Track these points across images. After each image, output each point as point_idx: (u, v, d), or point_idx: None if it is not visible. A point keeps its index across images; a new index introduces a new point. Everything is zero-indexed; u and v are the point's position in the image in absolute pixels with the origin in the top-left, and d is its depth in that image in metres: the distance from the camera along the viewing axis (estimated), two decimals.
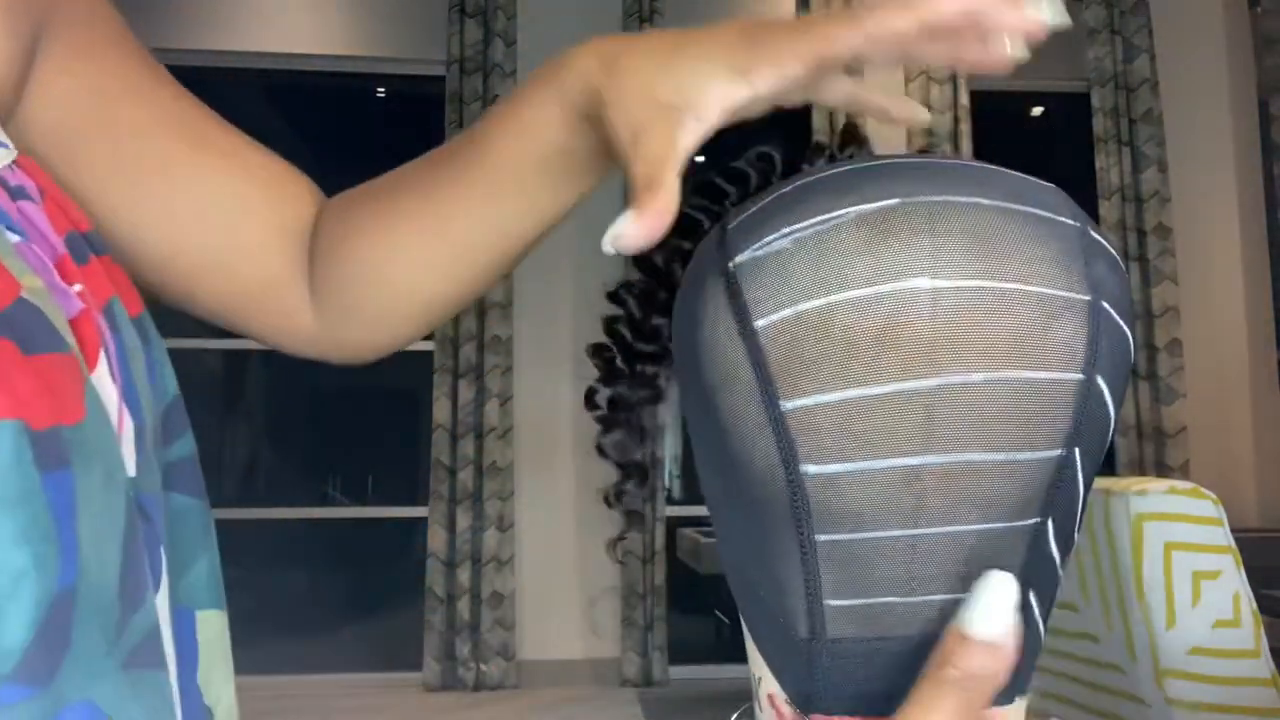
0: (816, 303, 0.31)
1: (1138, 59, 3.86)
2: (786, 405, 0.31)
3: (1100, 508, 1.08)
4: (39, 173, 0.36)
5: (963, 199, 0.32)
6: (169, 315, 0.47)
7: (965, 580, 0.32)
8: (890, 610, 0.33)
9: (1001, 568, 0.32)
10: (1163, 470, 3.66)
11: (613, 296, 0.43)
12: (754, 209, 0.35)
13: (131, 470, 0.33)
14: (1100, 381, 0.32)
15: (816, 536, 0.32)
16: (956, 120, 3.78)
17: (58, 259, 0.33)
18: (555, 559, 3.58)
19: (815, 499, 0.31)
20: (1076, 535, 0.37)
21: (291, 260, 0.49)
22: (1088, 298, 0.31)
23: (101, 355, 0.33)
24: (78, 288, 0.33)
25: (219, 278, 0.47)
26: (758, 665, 0.37)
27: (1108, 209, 3.79)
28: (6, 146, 0.35)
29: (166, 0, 3.67)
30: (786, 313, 0.31)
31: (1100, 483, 1.11)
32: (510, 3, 3.67)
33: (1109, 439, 0.34)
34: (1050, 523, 0.33)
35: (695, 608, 3.98)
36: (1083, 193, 3.91)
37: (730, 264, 0.33)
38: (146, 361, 0.36)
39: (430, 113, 3.72)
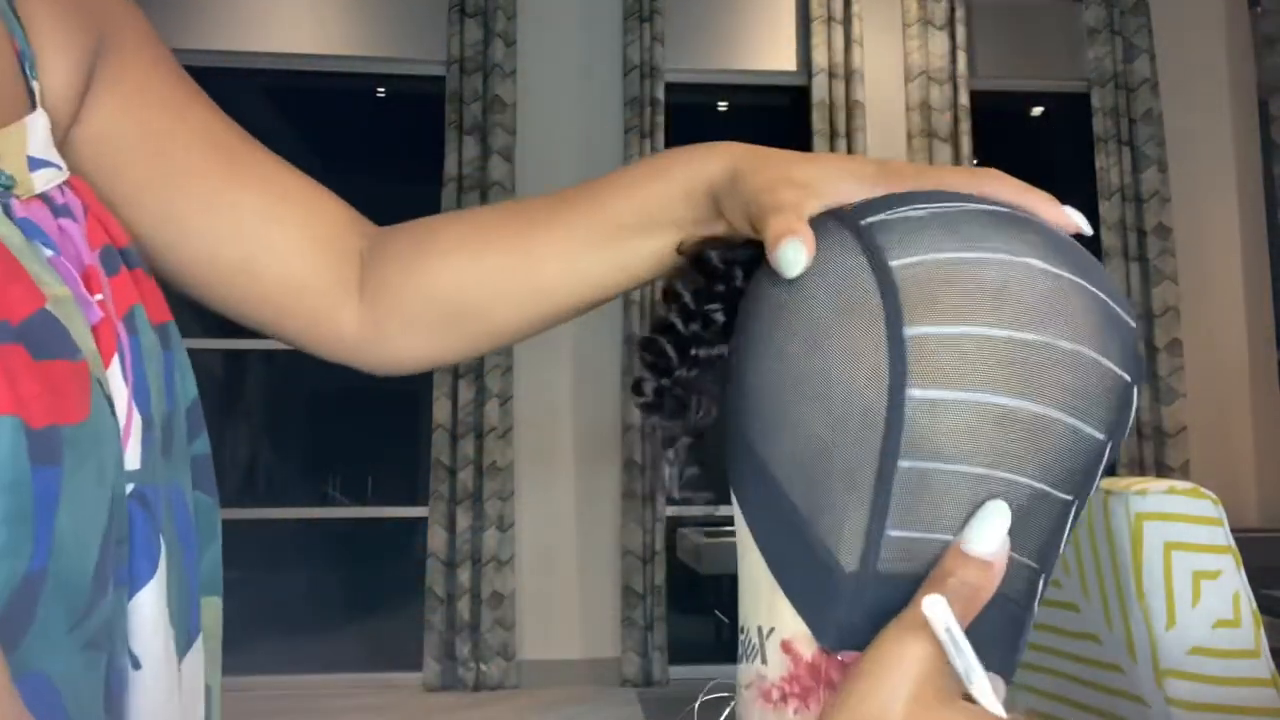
0: (948, 255, 0.36)
1: (1138, 59, 3.86)
2: (909, 331, 0.35)
3: (1100, 508, 1.09)
4: (87, 192, 0.40)
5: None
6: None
7: (1010, 533, 0.35)
8: (941, 547, 0.35)
9: (1031, 533, 0.36)
10: (1163, 470, 3.66)
11: (667, 293, 0.45)
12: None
13: (135, 464, 0.36)
14: (1135, 393, 0.38)
15: (900, 462, 0.35)
16: (956, 120, 3.77)
17: (84, 270, 0.37)
18: (555, 559, 3.58)
19: (911, 422, 0.35)
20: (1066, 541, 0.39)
21: (325, 268, 0.52)
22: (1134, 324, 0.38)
23: (115, 356, 0.36)
24: (99, 297, 0.37)
25: (248, 281, 0.50)
26: (770, 615, 0.38)
27: (1108, 209, 3.79)
28: (59, 167, 0.39)
29: (167, 0, 3.67)
30: (921, 257, 0.36)
31: (1100, 482, 1.11)
32: (510, 3, 3.67)
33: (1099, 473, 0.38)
34: (1076, 505, 0.37)
35: (695, 608, 3.98)
36: (1083, 193, 3.91)
37: (861, 222, 0.38)
38: (166, 365, 0.40)
39: (430, 113, 3.72)
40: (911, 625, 0.33)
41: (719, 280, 0.44)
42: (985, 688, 0.33)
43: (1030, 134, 4.29)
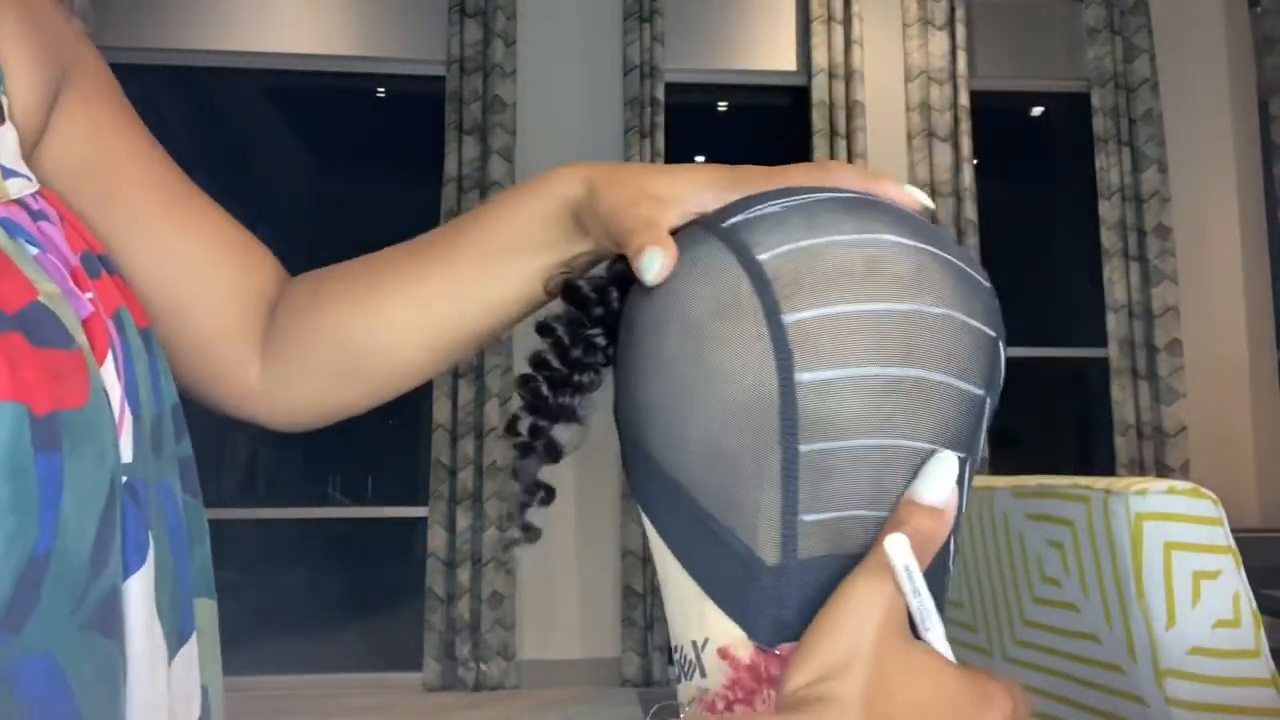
0: (810, 241, 0.37)
1: (1138, 59, 3.86)
2: (787, 318, 0.36)
3: (1100, 508, 1.09)
4: (59, 203, 0.41)
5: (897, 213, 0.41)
6: None
7: (882, 496, 0.36)
8: (859, 524, 0.36)
9: (893, 482, 0.37)
10: (1163, 470, 3.66)
11: (542, 328, 0.45)
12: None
13: (127, 457, 0.37)
14: (1001, 347, 0.40)
15: (800, 447, 0.35)
16: (956, 120, 3.78)
17: (71, 270, 0.38)
18: (555, 559, 3.58)
19: (804, 406, 0.35)
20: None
21: (245, 319, 0.52)
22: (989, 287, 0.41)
23: (109, 353, 0.37)
24: (90, 295, 0.38)
25: (179, 326, 0.50)
26: (701, 627, 0.38)
27: (1108, 209, 3.80)
28: (29, 179, 0.40)
29: (167, 0, 3.67)
30: (787, 247, 0.37)
31: (1100, 482, 1.11)
32: (510, 3, 3.67)
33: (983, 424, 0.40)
34: (969, 462, 0.38)
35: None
36: (1083, 193, 3.91)
37: (723, 225, 0.39)
38: (150, 368, 0.41)
39: (430, 113, 3.72)
40: (874, 569, 0.34)
41: (596, 305, 0.44)
42: (940, 632, 0.34)
43: (1030, 134, 4.29)
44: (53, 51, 0.45)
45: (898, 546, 0.34)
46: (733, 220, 0.39)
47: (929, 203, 0.43)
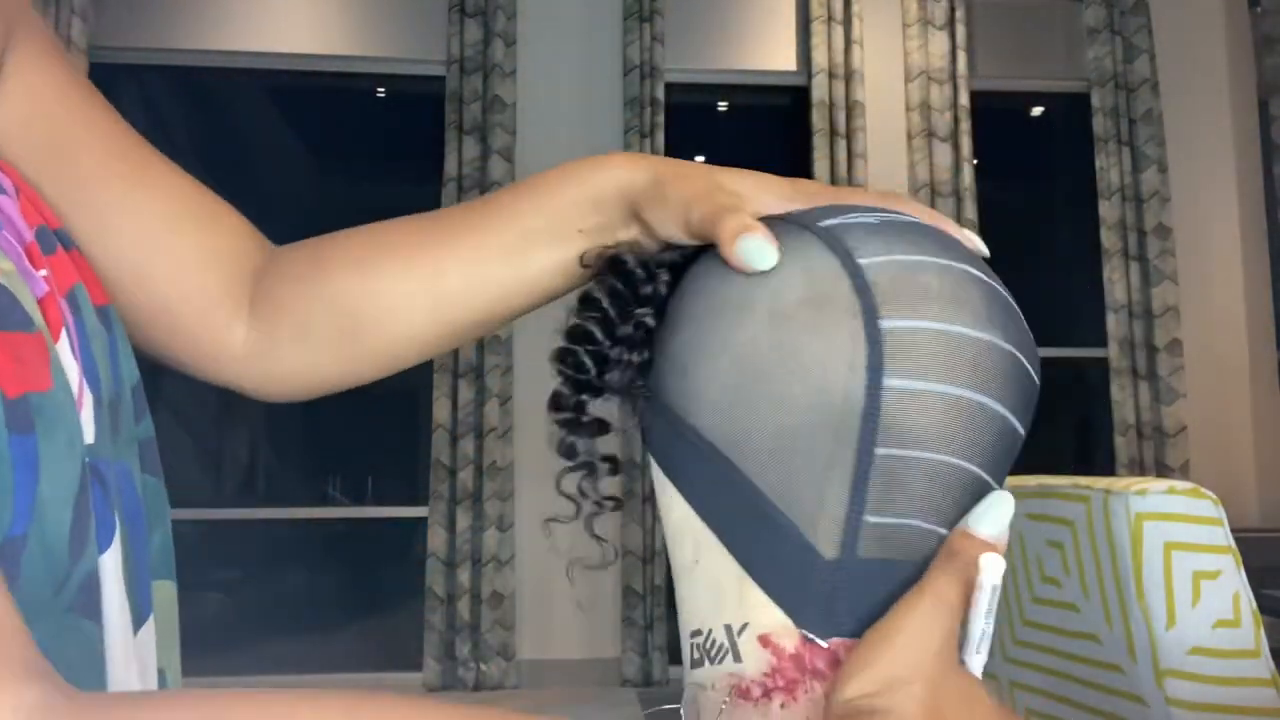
0: (909, 257, 0.38)
1: (1138, 59, 3.86)
2: (884, 324, 0.37)
3: (1100, 508, 1.09)
4: (12, 172, 0.39)
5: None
6: None
7: (954, 517, 0.38)
8: (916, 534, 0.37)
9: (971, 500, 0.38)
10: (1163, 470, 3.66)
11: (586, 300, 0.44)
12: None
13: (89, 438, 0.37)
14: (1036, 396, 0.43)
15: (877, 450, 0.36)
16: (956, 120, 3.77)
17: (26, 246, 0.37)
18: (555, 559, 3.58)
19: (887, 410, 0.36)
20: None
21: (215, 282, 0.50)
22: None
23: (64, 333, 0.36)
24: (43, 273, 0.37)
25: (143, 292, 0.48)
26: (740, 611, 0.38)
27: (1108, 209, 3.80)
28: None
29: (167, 0, 3.67)
30: (885, 258, 0.38)
31: (1100, 482, 1.11)
32: (510, 3, 3.67)
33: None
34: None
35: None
36: (1083, 193, 3.91)
37: (820, 224, 0.40)
38: (110, 346, 0.40)
39: (430, 113, 3.72)
40: (942, 587, 0.35)
41: (645, 283, 0.43)
42: (982, 659, 0.36)
43: (1030, 134, 4.29)
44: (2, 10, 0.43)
45: (992, 566, 0.35)
46: (829, 222, 0.40)
47: (985, 249, 0.44)
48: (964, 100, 3.78)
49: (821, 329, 0.37)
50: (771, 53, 3.87)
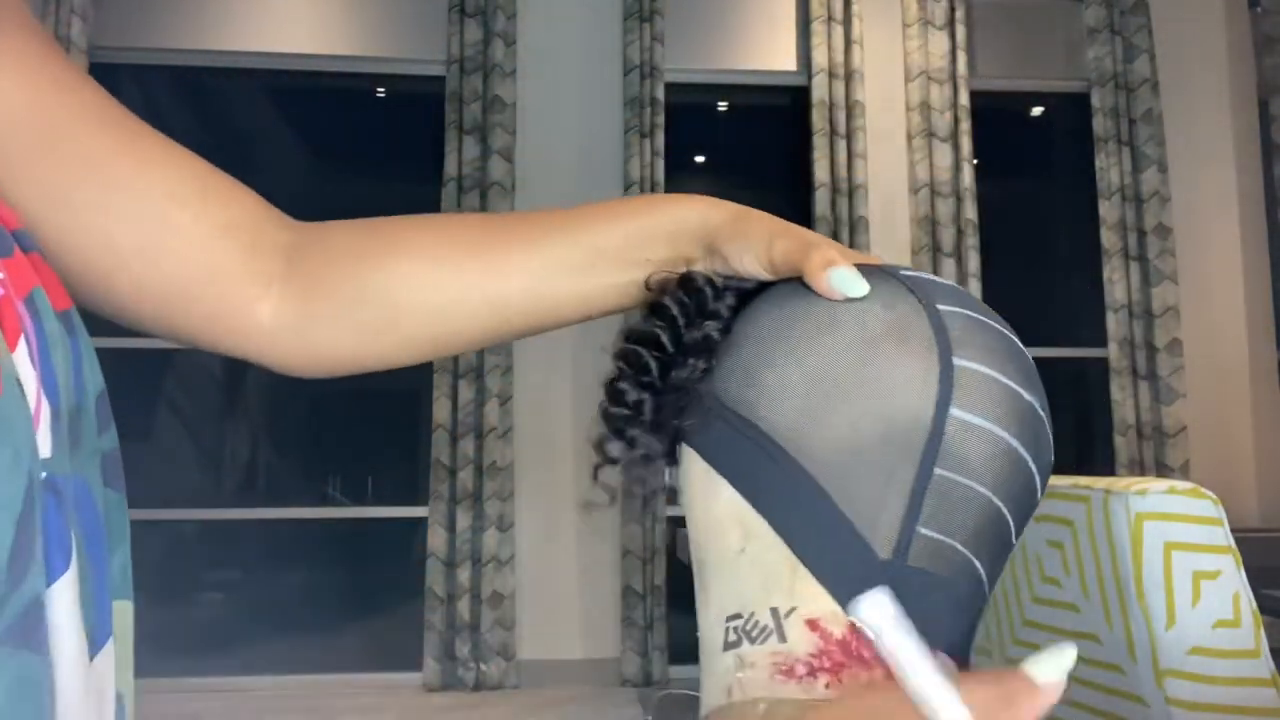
0: (975, 314, 0.44)
1: (1138, 59, 3.86)
2: (959, 360, 0.42)
3: (1100, 508, 1.09)
4: None
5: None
6: None
7: (985, 552, 0.42)
8: (958, 555, 0.41)
9: (987, 543, 0.42)
10: (1163, 470, 3.66)
11: (657, 307, 0.47)
12: None
13: (46, 451, 0.34)
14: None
15: (936, 469, 0.41)
16: (956, 120, 3.77)
17: None
18: (555, 559, 3.58)
19: (949, 436, 0.41)
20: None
21: (238, 256, 0.49)
22: None
23: (21, 340, 0.34)
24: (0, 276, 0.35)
25: (147, 268, 0.47)
26: (789, 596, 0.41)
27: (1108, 209, 3.79)
28: None
29: (167, 0, 3.67)
30: (959, 310, 0.44)
31: (1100, 482, 1.11)
32: (510, 3, 3.67)
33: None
34: (1015, 539, 0.45)
35: (695, 607, 3.98)
36: (1083, 193, 3.91)
37: (901, 273, 0.45)
38: (73, 353, 0.38)
39: (430, 113, 3.72)
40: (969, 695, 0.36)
41: (713, 299, 0.47)
42: None
43: (1030, 134, 4.29)
44: None
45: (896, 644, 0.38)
46: (907, 273, 0.46)
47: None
48: (964, 100, 3.78)
49: (902, 356, 0.42)
50: (771, 53, 3.87)
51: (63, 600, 0.34)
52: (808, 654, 0.39)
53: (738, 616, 0.42)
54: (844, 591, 0.40)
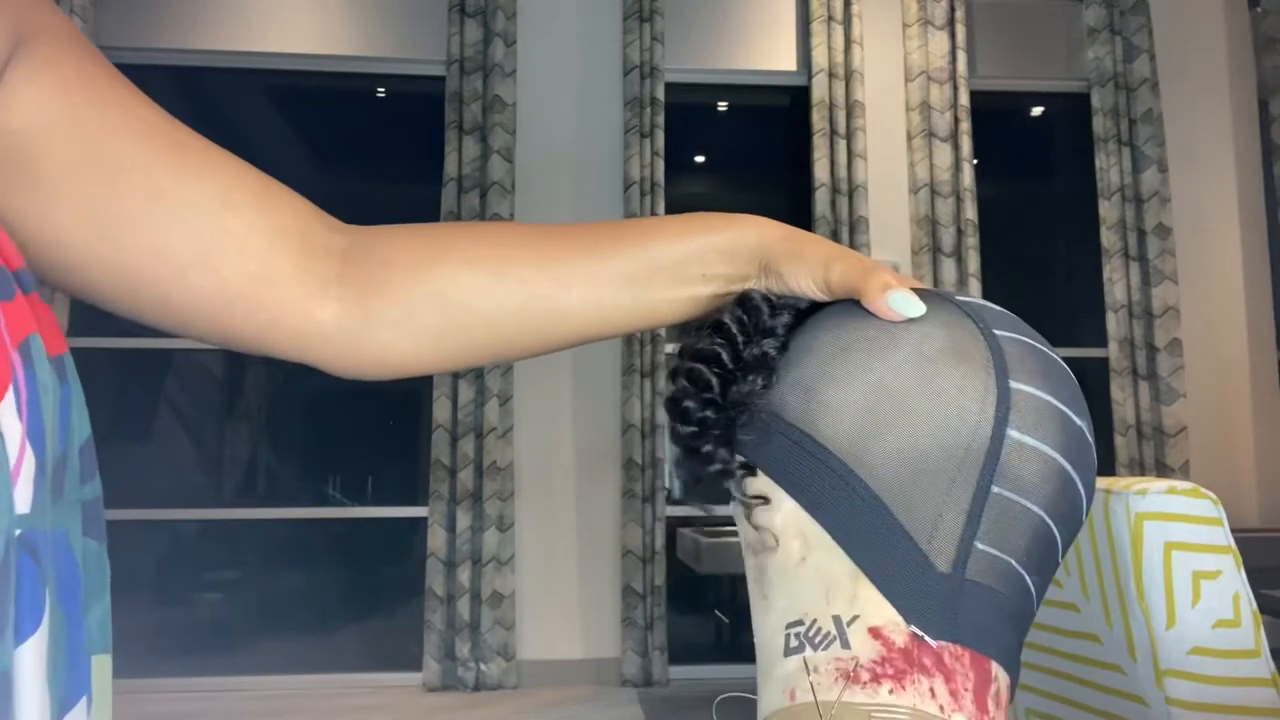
0: (1028, 340, 0.46)
1: (1138, 59, 3.86)
2: (1014, 384, 0.43)
3: (1100, 508, 1.08)
4: None
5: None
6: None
7: (1038, 571, 0.44)
8: (1010, 571, 0.42)
9: (1038, 561, 0.44)
10: (1163, 470, 3.66)
11: (717, 325, 0.49)
12: None
13: (25, 507, 0.33)
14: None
15: (993, 487, 0.42)
16: (957, 120, 3.77)
17: None
18: (555, 559, 3.58)
19: (1005, 457, 0.42)
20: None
21: (294, 258, 0.48)
22: None
23: (10, 391, 0.33)
24: None
25: (203, 276, 0.46)
26: (851, 605, 0.42)
27: (1108, 209, 3.79)
28: None
29: (167, 0, 3.67)
30: (1013, 335, 0.45)
31: (1100, 482, 1.11)
32: (510, 3, 3.67)
33: None
34: (1062, 553, 0.46)
35: (695, 608, 3.98)
36: (1083, 193, 3.91)
37: (957, 299, 0.47)
38: (62, 401, 0.36)
39: (430, 113, 3.72)
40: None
41: (770, 317, 0.49)
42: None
43: (1030, 134, 4.29)
44: (5, 20, 0.40)
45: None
46: (963, 299, 0.47)
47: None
48: (964, 100, 3.78)
49: (960, 377, 0.43)
50: (771, 53, 3.87)
51: (29, 662, 0.33)
52: (871, 661, 0.41)
53: (799, 623, 0.43)
54: (904, 602, 0.41)
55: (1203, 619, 1.04)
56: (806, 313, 0.49)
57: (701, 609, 4.12)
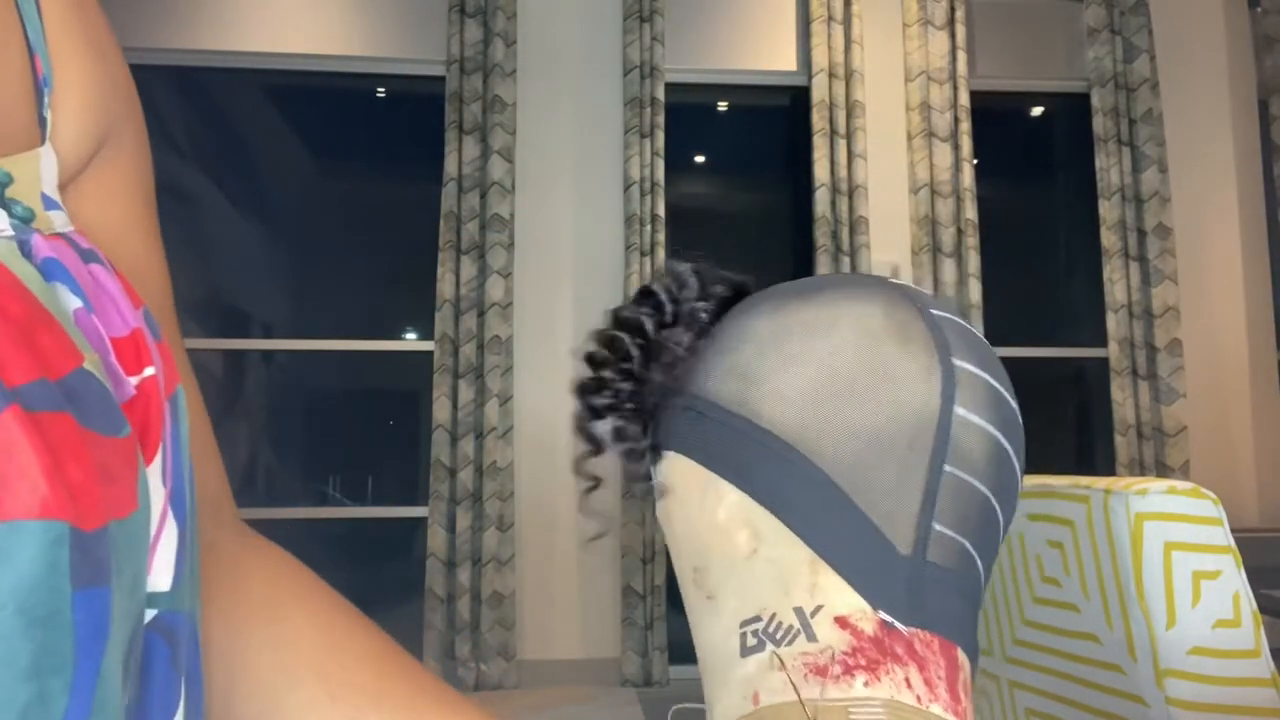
0: (960, 321, 0.45)
1: (1138, 59, 3.86)
2: (956, 361, 0.42)
3: (1100, 508, 1.09)
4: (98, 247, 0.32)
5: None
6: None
7: (980, 546, 0.43)
8: (964, 552, 0.42)
9: (983, 535, 0.43)
10: (1163, 470, 3.66)
11: (645, 292, 0.46)
12: None
13: (165, 584, 0.28)
14: None
15: (945, 466, 0.41)
16: (956, 120, 3.77)
17: (131, 333, 0.29)
18: (555, 559, 3.58)
19: (954, 435, 0.41)
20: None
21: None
22: None
23: (159, 452, 0.28)
24: (150, 371, 0.29)
25: None
26: (812, 595, 0.40)
27: (1108, 209, 3.80)
28: (62, 210, 0.31)
29: (167, 0, 3.67)
30: (946, 315, 0.44)
31: (1100, 482, 1.11)
32: (510, 3, 3.67)
33: None
34: (1003, 530, 0.47)
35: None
36: (1083, 193, 3.91)
37: (889, 279, 0.46)
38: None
39: (430, 113, 3.72)
40: None
41: (708, 288, 0.47)
42: None
43: (1030, 134, 4.29)
44: (110, 92, 0.36)
45: None
46: (896, 281, 0.46)
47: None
48: (964, 100, 3.78)
49: (906, 353, 0.42)
50: (771, 53, 3.87)
51: None
52: (842, 653, 0.39)
53: (756, 620, 0.41)
54: (870, 588, 0.40)
55: (1203, 619, 1.04)
56: (733, 300, 0.47)
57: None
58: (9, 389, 0.22)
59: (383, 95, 4.01)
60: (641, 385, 0.45)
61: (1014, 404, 0.44)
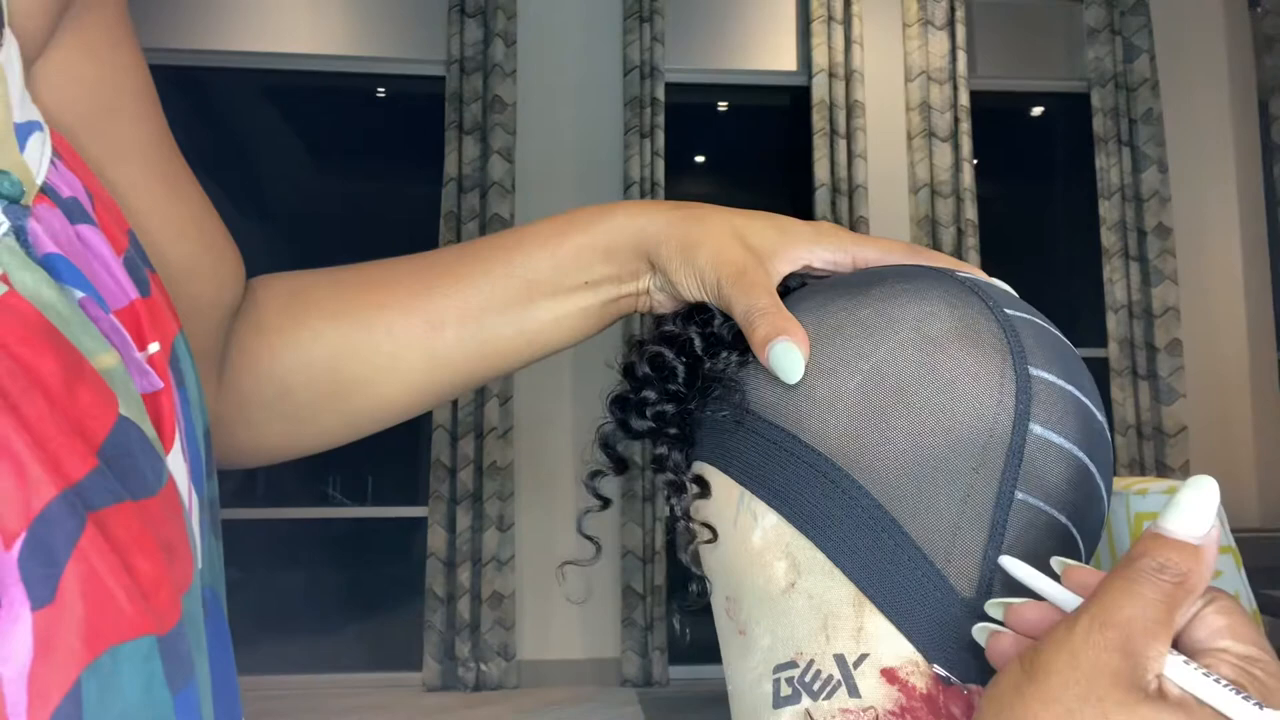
0: (1039, 320, 0.39)
1: (1138, 59, 3.86)
2: (1033, 370, 0.36)
3: None
4: (75, 158, 0.28)
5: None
6: None
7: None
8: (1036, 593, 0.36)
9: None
10: (1163, 470, 3.66)
11: (699, 306, 0.42)
12: None
13: (198, 560, 0.28)
14: None
15: (1016, 493, 0.35)
16: (956, 120, 3.77)
17: (129, 305, 0.27)
18: (555, 559, 3.58)
19: (1029, 457, 0.35)
20: None
21: (216, 336, 0.41)
22: None
23: (177, 437, 0.28)
24: (154, 348, 0.27)
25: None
26: (857, 641, 0.35)
27: (1108, 209, 3.79)
28: (41, 126, 0.27)
29: (167, 0, 3.67)
30: (1024, 315, 0.39)
31: None
32: (510, 3, 3.67)
33: None
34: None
35: (695, 608, 3.98)
36: (1082, 193, 3.91)
37: (957, 274, 0.40)
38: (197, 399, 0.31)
39: (430, 113, 3.72)
40: (1091, 617, 0.27)
41: (718, 319, 0.42)
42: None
43: (1030, 134, 4.28)
44: None
45: (1014, 566, 0.32)
46: (964, 275, 0.40)
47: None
48: (964, 100, 3.77)
49: (971, 360, 0.36)
50: (771, 53, 3.87)
51: None
52: (888, 712, 0.33)
53: (791, 665, 0.35)
54: (924, 636, 0.34)
55: None
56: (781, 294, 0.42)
57: (701, 609, 4.11)
58: (73, 488, 0.21)
59: (382, 95, 4.01)
60: (687, 409, 0.40)
61: (1101, 418, 0.38)
